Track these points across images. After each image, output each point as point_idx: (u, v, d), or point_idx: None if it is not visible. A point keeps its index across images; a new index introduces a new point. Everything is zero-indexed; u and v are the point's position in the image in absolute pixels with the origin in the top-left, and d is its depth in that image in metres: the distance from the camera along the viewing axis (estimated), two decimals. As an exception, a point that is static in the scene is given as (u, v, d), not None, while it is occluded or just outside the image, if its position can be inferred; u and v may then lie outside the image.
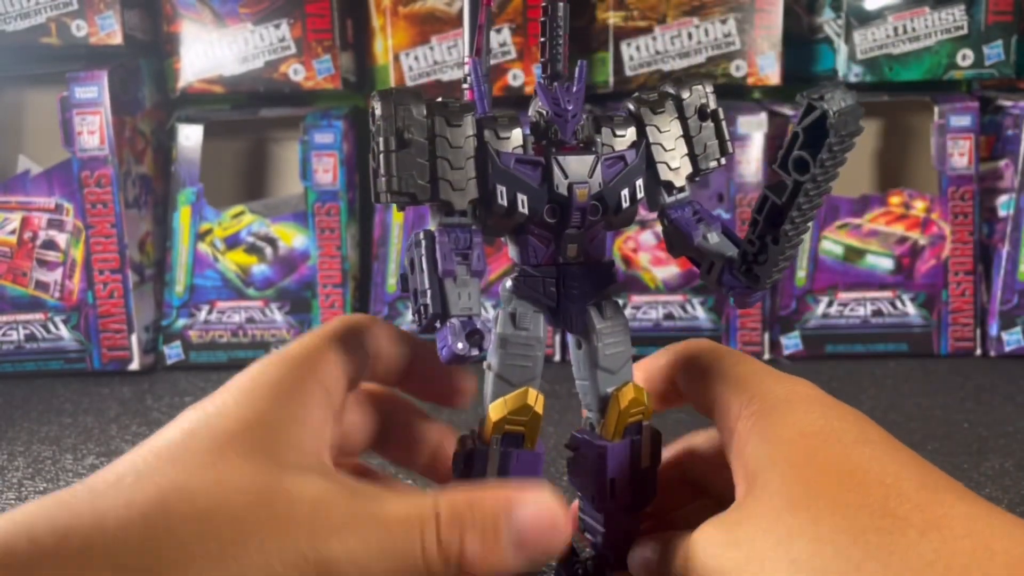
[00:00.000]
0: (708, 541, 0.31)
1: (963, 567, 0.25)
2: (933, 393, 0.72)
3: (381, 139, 0.32)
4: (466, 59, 0.36)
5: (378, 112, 0.32)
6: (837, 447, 0.30)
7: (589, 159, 0.34)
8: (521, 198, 0.33)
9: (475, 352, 0.31)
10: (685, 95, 0.36)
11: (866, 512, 0.27)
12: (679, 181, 0.36)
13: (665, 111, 0.36)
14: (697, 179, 0.37)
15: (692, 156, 0.36)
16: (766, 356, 0.83)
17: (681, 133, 0.36)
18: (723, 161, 0.37)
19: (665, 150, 0.36)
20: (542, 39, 0.35)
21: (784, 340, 0.83)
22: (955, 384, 0.74)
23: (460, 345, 0.31)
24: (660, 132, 0.36)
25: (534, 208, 0.34)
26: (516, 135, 0.34)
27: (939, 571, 0.25)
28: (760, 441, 0.31)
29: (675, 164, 0.36)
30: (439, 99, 0.34)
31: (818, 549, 0.27)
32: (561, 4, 0.34)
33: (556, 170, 0.34)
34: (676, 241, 0.37)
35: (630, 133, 0.36)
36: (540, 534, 0.28)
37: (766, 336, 0.83)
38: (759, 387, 0.33)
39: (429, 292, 0.31)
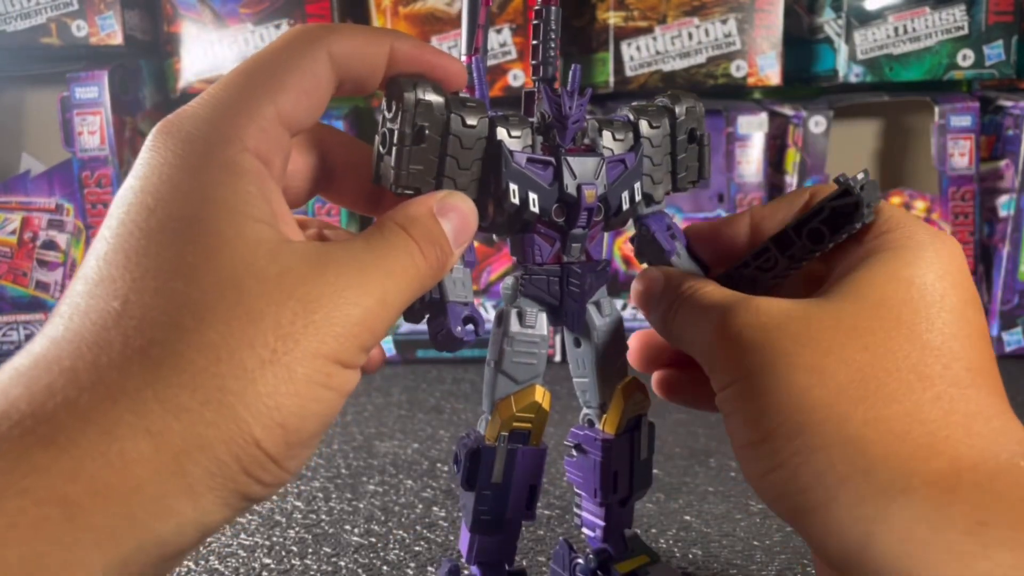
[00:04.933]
0: (778, 304, 0.30)
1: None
2: (933, 393, 0.72)
3: (397, 130, 0.32)
4: (463, 57, 0.36)
5: (397, 101, 0.32)
6: (932, 311, 0.30)
7: (595, 161, 0.35)
8: (532, 197, 0.34)
9: (471, 337, 0.32)
10: (680, 114, 0.37)
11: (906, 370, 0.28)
12: (658, 196, 0.37)
13: (660, 127, 0.37)
14: (668, 193, 0.38)
15: (673, 174, 0.38)
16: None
17: (669, 151, 0.38)
18: (697, 184, 0.39)
19: (653, 164, 0.37)
20: (534, 42, 0.35)
21: (784, 340, 0.83)
22: (955, 384, 0.74)
23: (459, 329, 0.32)
24: (652, 146, 0.37)
25: (544, 207, 0.34)
26: (526, 135, 0.34)
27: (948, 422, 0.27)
28: (878, 266, 0.31)
29: (658, 178, 0.37)
30: (458, 94, 0.33)
31: (857, 375, 0.28)
32: (554, 8, 0.35)
33: (566, 171, 0.34)
34: (648, 251, 0.38)
35: (628, 138, 0.37)
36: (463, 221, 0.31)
37: (766, 336, 0.83)
38: (903, 219, 0.32)
39: None
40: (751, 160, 0.82)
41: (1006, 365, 0.80)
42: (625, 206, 0.36)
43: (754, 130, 0.82)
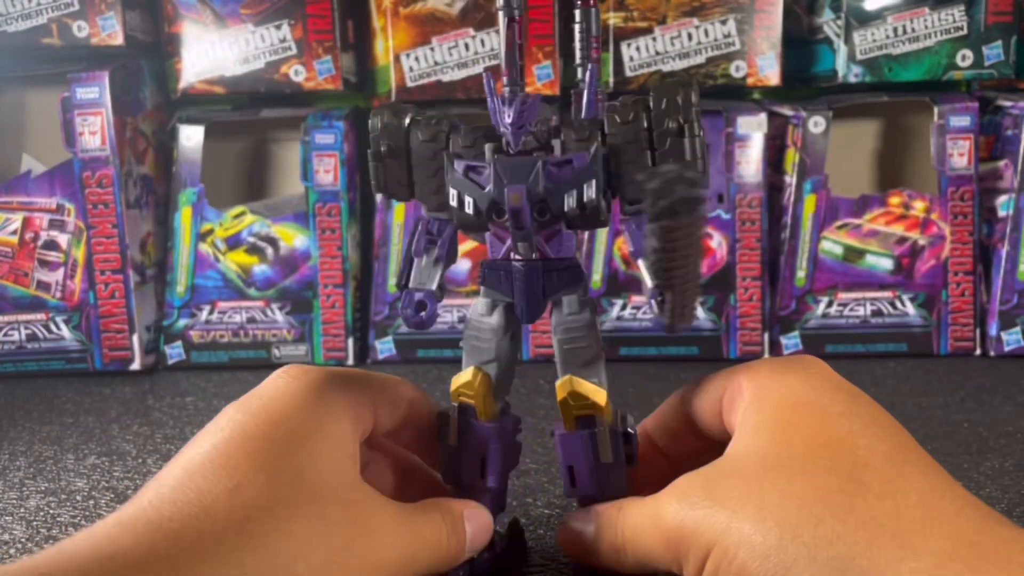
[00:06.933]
0: (687, 495, 0.33)
1: (909, 532, 0.28)
2: (933, 393, 0.72)
3: (370, 150, 0.39)
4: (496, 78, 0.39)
5: (370, 126, 0.39)
6: (819, 417, 0.33)
7: (528, 163, 0.36)
8: (468, 200, 0.37)
9: (417, 318, 0.38)
10: (656, 106, 0.36)
11: (834, 475, 0.31)
12: (634, 194, 0.37)
13: (633, 123, 0.36)
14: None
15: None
16: (766, 356, 0.83)
17: (647, 145, 0.36)
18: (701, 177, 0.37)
19: (625, 162, 0.36)
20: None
21: (784, 340, 0.84)
22: (955, 384, 0.74)
23: (408, 311, 0.38)
24: (626, 142, 0.36)
25: (479, 209, 0.37)
26: (478, 143, 0.38)
27: (888, 532, 0.28)
28: (755, 410, 0.34)
29: (632, 176, 0.36)
30: (428, 113, 0.39)
31: (785, 503, 0.30)
32: (593, 9, 0.38)
33: (494, 174, 0.36)
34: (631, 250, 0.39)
35: (592, 137, 0.37)
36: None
37: (766, 336, 0.83)
38: (763, 365, 0.37)
39: (403, 267, 0.39)
40: (750, 160, 0.82)
41: (1006, 365, 0.80)
42: (570, 206, 0.36)
43: (753, 130, 0.82)
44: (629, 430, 0.39)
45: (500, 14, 0.37)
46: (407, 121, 0.38)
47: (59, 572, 0.26)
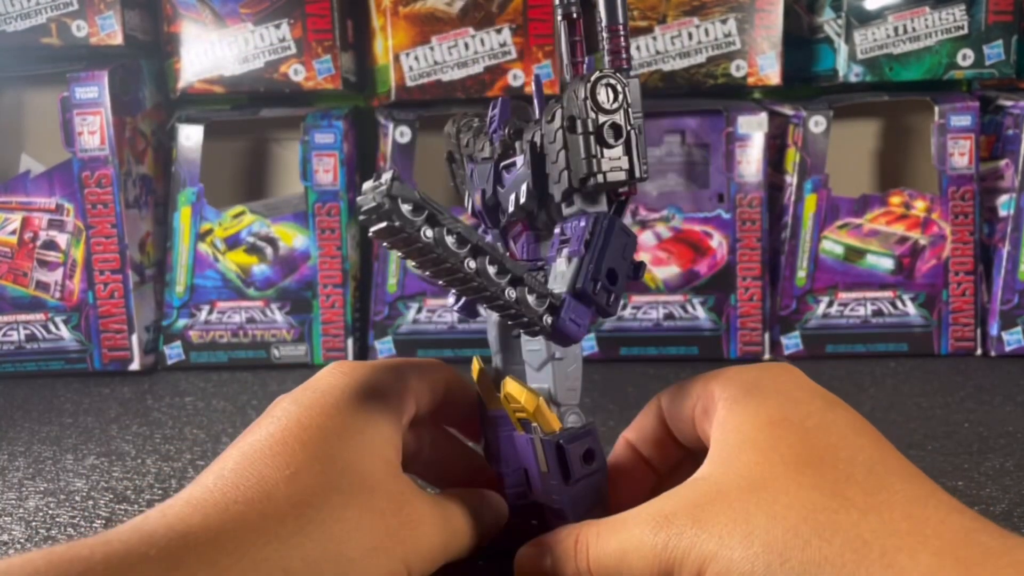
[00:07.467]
0: (672, 522, 0.32)
1: (896, 549, 0.28)
2: (933, 393, 0.72)
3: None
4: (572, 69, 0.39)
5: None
6: (797, 433, 0.33)
7: (486, 167, 0.38)
8: (467, 199, 0.41)
9: (456, 306, 0.40)
10: (564, 102, 0.34)
11: (817, 492, 0.31)
12: (557, 195, 0.35)
13: (553, 121, 0.35)
14: (580, 191, 0.35)
15: (569, 171, 0.35)
16: (766, 356, 0.83)
17: (562, 145, 0.35)
18: (599, 179, 0.34)
19: (551, 162, 0.35)
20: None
21: (784, 340, 0.83)
22: (955, 384, 0.74)
23: (451, 300, 0.39)
24: (548, 143, 0.35)
25: (472, 207, 0.40)
26: (488, 148, 0.39)
27: (875, 551, 0.28)
28: (732, 428, 0.34)
29: (555, 178, 0.35)
30: (474, 119, 0.41)
31: (771, 526, 0.30)
32: (569, 22, 0.37)
33: (470, 179, 0.39)
34: None
35: (535, 138, 0.36)
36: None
37: (766, 336, 0.83)
38: (736, 375, 0.37)
39: None
40: (751, 160, 0.82)
41: (1006, 365, 0.80)
42: (511, 208, 0.37)
43: (754, 130, 0.82)
44: (561, 443, 0.36)
45: (557, 12, 0.37)
46: (455, 128, 0.41)
47: (140, 548, 0.28)
